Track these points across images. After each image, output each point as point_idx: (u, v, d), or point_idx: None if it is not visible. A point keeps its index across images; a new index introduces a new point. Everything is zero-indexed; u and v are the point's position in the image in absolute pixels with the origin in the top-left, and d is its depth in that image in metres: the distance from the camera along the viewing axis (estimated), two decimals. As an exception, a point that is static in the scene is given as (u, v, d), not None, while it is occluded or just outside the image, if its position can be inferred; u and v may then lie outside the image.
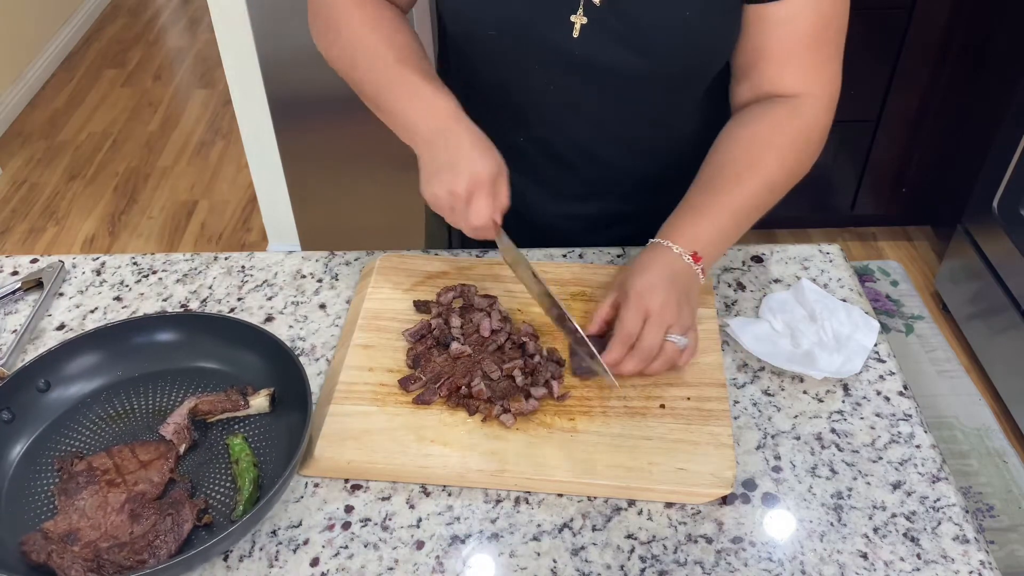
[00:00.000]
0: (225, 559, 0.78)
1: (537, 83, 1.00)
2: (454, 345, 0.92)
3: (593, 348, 0.88)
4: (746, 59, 0.97)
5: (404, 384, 0.91)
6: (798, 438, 0.88)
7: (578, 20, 0.92)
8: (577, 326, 0.88)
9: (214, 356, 0.94)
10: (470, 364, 0.91)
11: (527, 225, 1.08)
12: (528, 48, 0.96)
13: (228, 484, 0.84)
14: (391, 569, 0.77)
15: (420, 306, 1.00)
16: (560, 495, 0.82)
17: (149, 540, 0.76)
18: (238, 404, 0.88)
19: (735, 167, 0.95)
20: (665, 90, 1.00)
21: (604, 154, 1.08)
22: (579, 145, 1.07)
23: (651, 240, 0.95)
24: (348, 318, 1.01)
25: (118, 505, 0.79)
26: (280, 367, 0.89)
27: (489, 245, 0.96)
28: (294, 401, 0.87)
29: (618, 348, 0.88)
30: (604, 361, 0.88)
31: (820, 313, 0.99)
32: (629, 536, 0.79)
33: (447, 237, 1.25)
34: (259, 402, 0.89)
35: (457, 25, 1.01)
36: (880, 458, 0.86)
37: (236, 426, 0.89)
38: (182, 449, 0.85)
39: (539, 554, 0.78)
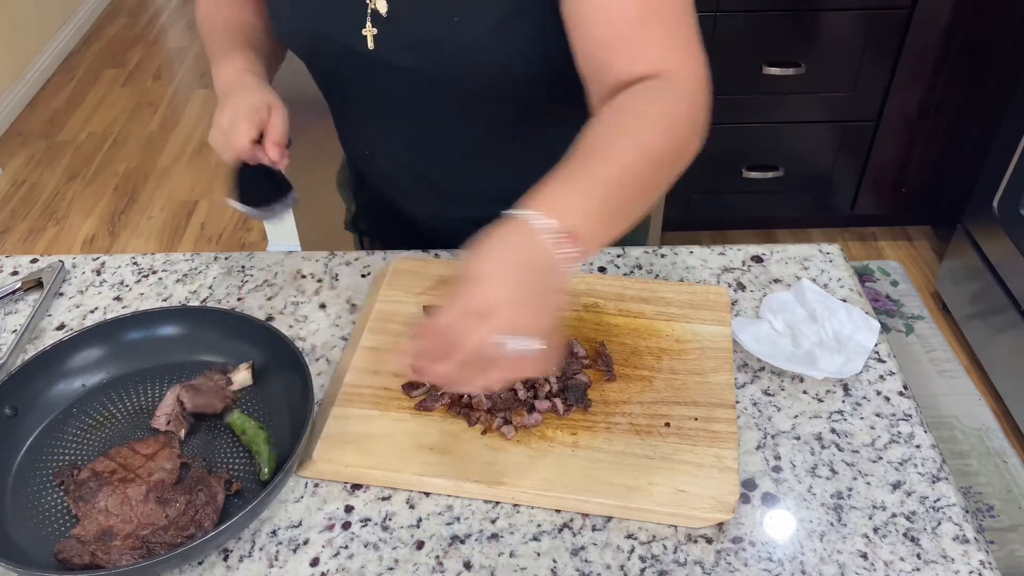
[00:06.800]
0: (225, 559, 0.78)
1: (360, 97, 1.02)
2: None
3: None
4: (586, 60, 0.86)
5: (407, 389, 0.90)
6: (798, 438, 0.88)
7: (369, 32, 0.91)
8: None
9: (210, 350, 0.95)
10: None
11: (406, 224, 1.15)
12: (337, 62, 0.97)
13: (241, 454, 0.86)
14: (391, 569, 0.77)
15: (430, 311, 1.00)
16: (558, 511, 0.82)
17: (191, 516, 0.78)
18: (221, 384, 0.90)
19: (605, 137, 0.79)
20: (483, 101, 0.96)
21: (451, 166, 1.06)
22: (420, 157, 1.06)
23: (505, 212, 0.72)
24: (359, 320, 1.01)
25: (141, 497, 0.80)
26: (276, 351, 0.90)
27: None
28: (277, 368, 0.89)
29: (424, 342, 0.70)
30: (408, 353, 0.71)
31: (820, 313, 0.99)
32: (629, 536, 0.79)
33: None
34: (242, 377, 0.91)
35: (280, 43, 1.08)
36: (880, 458, 0.86)
37: None
38: (182, 435, 0.86)
39: (539, 554, 0.78)
